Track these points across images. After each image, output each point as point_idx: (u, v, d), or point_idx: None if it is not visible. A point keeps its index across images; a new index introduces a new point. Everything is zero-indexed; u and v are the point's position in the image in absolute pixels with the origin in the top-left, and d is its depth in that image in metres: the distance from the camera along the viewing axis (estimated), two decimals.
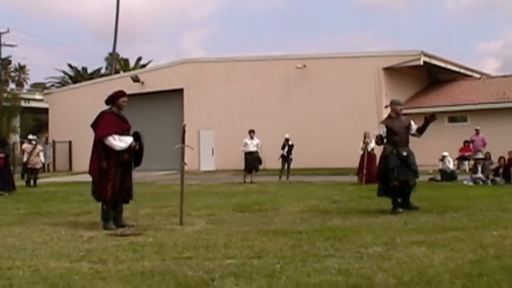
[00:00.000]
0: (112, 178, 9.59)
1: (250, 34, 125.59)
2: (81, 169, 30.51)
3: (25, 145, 25.28)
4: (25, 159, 24.50)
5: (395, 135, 11.75)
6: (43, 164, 24.73)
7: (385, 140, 11.92)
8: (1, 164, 19.34)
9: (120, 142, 9.69)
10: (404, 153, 11.63)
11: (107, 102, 10.27)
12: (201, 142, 34.04)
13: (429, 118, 11.81)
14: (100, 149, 9.69)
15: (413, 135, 12.07)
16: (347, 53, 33.08)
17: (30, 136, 26.20)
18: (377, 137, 12.11)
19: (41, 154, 24.79)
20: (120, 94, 10.25)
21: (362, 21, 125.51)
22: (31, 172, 24.10)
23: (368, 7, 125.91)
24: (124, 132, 9.93)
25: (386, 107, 23.01)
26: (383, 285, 5.22)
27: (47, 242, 8.29)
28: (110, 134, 9.70)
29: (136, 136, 10.06)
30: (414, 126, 12.01)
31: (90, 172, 9.87)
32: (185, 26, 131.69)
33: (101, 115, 10.12)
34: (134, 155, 9.92)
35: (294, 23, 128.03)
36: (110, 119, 9.94)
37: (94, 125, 10.11)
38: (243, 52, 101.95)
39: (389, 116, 12.18)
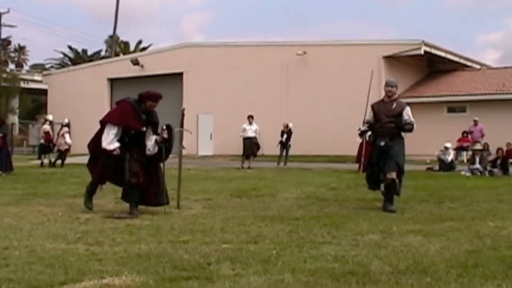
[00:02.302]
0: (104, 159, 9.41)
1: (250, 20, 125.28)
2: (79, 151, 30.52)
3: (45, 126, 25.32)
4: (42, 140, 24.57)
5: (376, 122, 10.22)
6: (69, 146, 24.53)
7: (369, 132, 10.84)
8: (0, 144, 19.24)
9: (109, 142, 9.21)
10: (382, 143, 10.00)
11: (139, 97, 9.57)
12: (199, 127, 34.06)
13: (406, 127, 10.23)
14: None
15: (402, 128, 10.26)
16: (347, 41, 33.04)
17: (49, 117, 26.19)
18: (359, 129, 11.21)
19: (67, 136, 24.62)
20: (149, 96, 9.51)
21: (363, 9, 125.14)
22: (59, 154, 24.11)
23: None
24: (130, 130, 9.42)
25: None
26: (379, 273, 5.23)
27: (43, 223, 8.29)
28: (114, 125, 9.29)
29: (168, 129, 9.64)
30: (405, 117, 10.09)
31: (88, 145, 9.78)
32: (185, 10, 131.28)
33: (122, 102, 9.71)
34: (159, 149, 9.59)
35: (294, 10, 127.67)
36: (124, 110, 9.44)
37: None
38: (242, 38, 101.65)
39: (382, 100, 10.55)
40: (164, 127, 9.69)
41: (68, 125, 25.76)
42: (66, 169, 21.62)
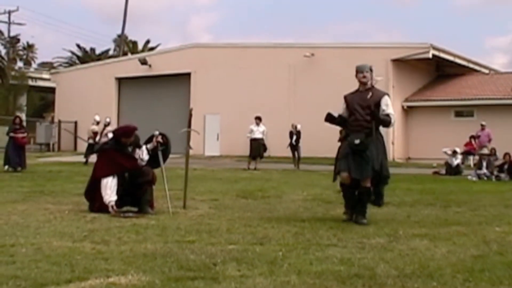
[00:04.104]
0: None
1: (257, 21, 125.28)
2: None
3: (93, 126, 25.58)
4: (91, 140, 25.00)
5: (350, 115, 8.78)
6: None
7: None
8: (24, 143, 20.69)
9: (110, 195, 9.13)
10: (356, 141, 8.44)
11: (113, 135, 9.77)
12: (206, 127, 34.06)
13: (371, 114, 8.56)
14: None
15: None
16: (355, 43, 33.03)
17: (97, 118, 26.32)
18: (327, 115, 9.04)
19: (110, 135, 24.76)
20: (122, 134, 9.64)
21: (371, 11, 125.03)
22: None
23: None
24: (125, 171, 9.39)
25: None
26: (385, 276, 5.22)
27: (50, 221, 8.31)
28: (106, 176, 9.21)
29: (162, 135, 9.77)
30: (383, 107, 8.63)
31: (85, 195, 9.63)
32: (193, 10, 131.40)
33: (103, 152, 9.69)
34: (154, 156, 9.68)
35: (302, 11, 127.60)
36: (111, 158, 9.38)
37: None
38: (249, 39, 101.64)
39: (356, 90, 9.06)
40: (157, 132, 9.77)
41: (109, 124, 25.91)
42: (73, 167, 21.66)
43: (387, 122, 8.69)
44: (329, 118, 9.04)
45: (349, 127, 8.80)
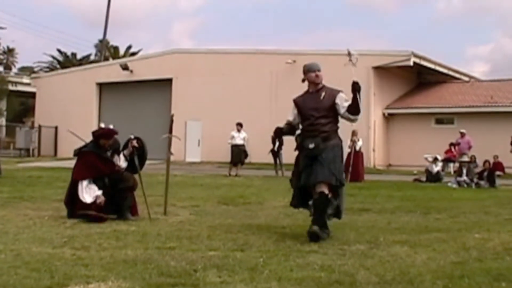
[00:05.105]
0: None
1: (240, 27, 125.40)
2: (66, 155, 30.43)
3: None
4: None
5: (304, 120, 8.04)
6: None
7: (297, 131, 8.31)
8: None
9: (91, 195, 9.08)
10: (311, 145, 7.76)
11: (93, 137, 9.64)
12: (187, 133, 33.99)
13: (355, 85, 8.05)
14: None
15: (347, 118, 8.06)
16: (337, 50, 32.89)
17: (102, 125, 26.13)
18: (276, 129, 8.52)
19: (134, 142, 24.45)
20: (102, 134, 9.67)
21: (353, 19, 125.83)
22: None
23: (359, 5, 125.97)
24: (103, 175, 9.33)
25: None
26: (366, 283, 5.23)
27: (30, 226, 8.25)
28: (83, 179, 9.17)
29: (138, 139, 9.75)
30: (344, 104, 7.95)
31: (64, 202, 9.54)
32: (175, 16, 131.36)
33: (81, 154, 9.59)
34: (131, 161, 9.65)
35: (285, 18, 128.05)
36: (89, 160, 9.34)
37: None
38: (232, 45, 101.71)
39: (306, 91, 8.35)
40: (133, 136, 9.75)
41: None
42: (53, 173, 21.51)
43: (357, 111, 7.90)
44: (278, 131, 8.60)
45: (304, 133, 8.02)
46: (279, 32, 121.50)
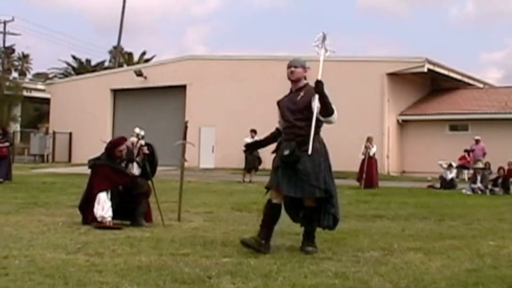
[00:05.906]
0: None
1: (252, 33, 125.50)
2: (80, 161, 30.50)
3: (133, 138, 25.38)
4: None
5: (283, 122, 7.64)
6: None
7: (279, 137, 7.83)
8: (5, 153, 19.60)
9: (100, 208, 9.01)
10: (286, 152, 7.13)
11: (106, 151, 9.60)
12: (201, 139, 34.02)
13: (317, 85, 7.53)
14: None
15: (323, 120, 7.34)
16: (351, 57, 33.02)
17: (136, 130, 26.21)
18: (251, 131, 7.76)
19: (144, 149, 24.56)
20: (114, 144, 9.68)
21: (365, 24, 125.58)
22: None
23: (372, 10, 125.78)
24: (118, 185, 9.36)
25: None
26: None
27: (44, 232, 8.28)
28: (100, 191, 9.12)
29: (148, 146, 9.81)
30: (318, 104, 7.23)
31: (79, 207, 9.53)
32: (188, 22, 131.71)
33: (95, 167, 9.51)
34: (143, 166, 9.68)
35: (298, 24, 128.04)
36: (104, 173, 9.32)
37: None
38: (245, 51, 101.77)
39: (290, 91, 7.91)
40: (143, 142, 9.79)
41: (143, 137, 25.82)
42: (67, 179, 21.61)
43: (330, 108, 7.25)
44: (249, 146, 8.76)
45: (283, 136, 7.54)
46: (292, 38, 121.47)
